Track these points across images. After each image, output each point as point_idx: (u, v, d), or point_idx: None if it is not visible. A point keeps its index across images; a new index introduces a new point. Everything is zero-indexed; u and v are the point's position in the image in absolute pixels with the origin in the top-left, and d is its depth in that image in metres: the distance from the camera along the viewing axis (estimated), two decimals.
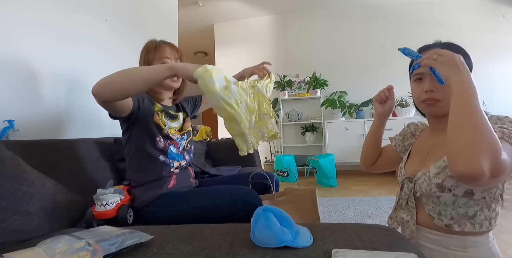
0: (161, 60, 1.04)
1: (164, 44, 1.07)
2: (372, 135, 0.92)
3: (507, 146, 0.55)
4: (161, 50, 1.04)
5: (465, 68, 0.59)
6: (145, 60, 1.06)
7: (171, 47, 1.07)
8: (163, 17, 2.39)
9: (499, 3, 3.85)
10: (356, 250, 0.49)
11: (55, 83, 1.26)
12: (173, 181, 1.01)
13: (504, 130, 0.58)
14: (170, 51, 1.05)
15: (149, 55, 1.05)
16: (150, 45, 1.07)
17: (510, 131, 0.57)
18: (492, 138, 0.50)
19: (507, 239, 1.42)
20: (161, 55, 1.04)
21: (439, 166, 0.64)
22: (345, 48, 4.17)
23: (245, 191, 0.90)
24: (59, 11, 1.30)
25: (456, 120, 0.55)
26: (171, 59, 1.06)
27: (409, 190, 0.72)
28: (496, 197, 0.63)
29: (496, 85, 3.80)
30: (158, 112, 1.03)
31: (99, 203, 0.84)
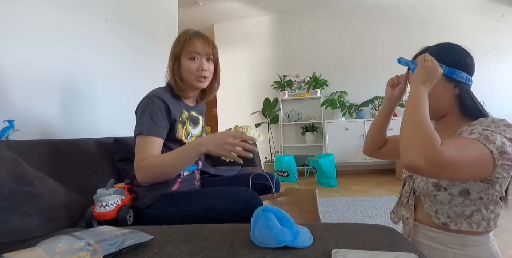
0: (189, 55, 0.97)
1: (195, 37, 0.98)
2: (378, 120, 0.91)
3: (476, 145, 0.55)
4: (190, 44, 0.96)
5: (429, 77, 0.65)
6: (173, 53, 0.99)
7: (203, 41, 0.98)
8: (163, 17, 2.39)
9: (499, 3, 3.85)
10: (356, 250, 0.49)
11: (55, 83, 1.26)
12: (178, 184, 1.00)
13: (487, 132, 0.57)
14: (200, 46, 0.96)
15: (177, 47, 0.98)
16: (181, 36, 0.99)
17: (492, 133, 0.56)
18: (426, 133, 0.55)
19: (507, 239, 1.42)
20: (190, 49, 0.96)
21: None
22: (345, 48, 4.17)
23: (246, 193, 0.89)
24: (59, 11, 1.30)
25: (403, 119, 0.62)
26: (201, 55, 0.98)
27: (410, 188, 0.74)
28: (495, 199, 0.62)
29: (496, 85, 3.80)
30: (184, 121, 1.00)
31: (99, 204, 0.83)
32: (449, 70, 0.68)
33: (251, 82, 4.40)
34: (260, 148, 2.43)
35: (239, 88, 4.40)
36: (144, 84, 2.01)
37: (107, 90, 1.61)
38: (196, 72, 0.97)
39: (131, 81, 1.85)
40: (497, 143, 0.54)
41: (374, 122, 0.92)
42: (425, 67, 0.65)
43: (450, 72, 0.68)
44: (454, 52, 0.72)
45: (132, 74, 1.86)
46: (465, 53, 0.72)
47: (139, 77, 1.95)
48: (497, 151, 0.54)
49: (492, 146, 0.54)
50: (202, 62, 0.98)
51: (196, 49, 0.96)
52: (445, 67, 0.68)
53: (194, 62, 0.97)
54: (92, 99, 1.49)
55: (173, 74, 0.99)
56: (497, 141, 0.54)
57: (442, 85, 0.69)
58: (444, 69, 0.68)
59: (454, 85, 0.69)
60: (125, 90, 1.77)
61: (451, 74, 0.68)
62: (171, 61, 1.00)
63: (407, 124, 0.60)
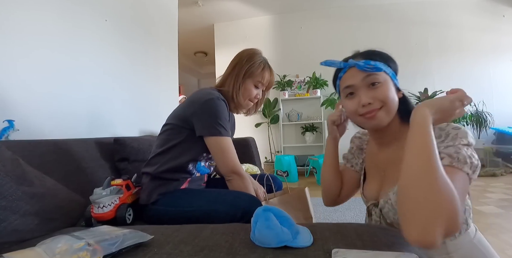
0: (256, 82, 1.06)
1: (267, 69, 1.08)
2: (330, 162, 0.81)
3: (458, 175, 0.50)
4: (263, 74, 1.06)
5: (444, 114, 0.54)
6: (245, 72, 1.04)
7: (270, 74, 1.09)
8: (163, 17, 2.39)
9: (499, 3, 3.85)
10: (356, 250, 0.49)
11: (55, 83, 1.26)
12: (187, 183, 1.02)
13: (451, 151, 0.53)
14: (267, 78, 1.08)
15: (251, 69, 1.04)
16: (257, 60, 1.05)
17: (458, 151, 0.52)
18: (451, 201, 0.42)
19: (507, 239, 1.42)
20: (260, 79, 1.05)
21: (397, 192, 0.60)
22: (345, 48, 4.14)
23: (247, 199, 0.89)
24: (59, 11, 1.30)
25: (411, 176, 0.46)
26: (263, 86, 1.09)
27: (378, 217, 0.68)
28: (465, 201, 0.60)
29: (496, 85, 3.80)
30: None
31: (96, 205, 0.83)
32: (393, 74, 0.66)
33: None
34: (260, 147, 2.43)
35: None
36: (144, 84, 2.01)
37: (107, 90, 1.61)
38: (252, 98, 1.08)
39: (131, 81, 1.85)
40: (468, 161, 0.51)
41: (328, 166, 0.82)
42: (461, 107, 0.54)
43: (394, 76, 0.66)
44: (392, 59, 0.69)
45: (131, 74, 1.86)
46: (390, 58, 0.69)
47: (139, 77, 1.95)
48: (471, 170, 0.51)
49: (466, 167, 0.51)
50: (260, 91, 1.10)
51: (264, 81, 1.07)
52: (390, 70, 0.65)
53: (256, 90, 1.08)
54: (92, 99, 1.49)
55: (232, 87, 1.05)
56: (466, 158, 0.51)
57: (392, 85, 0.65)
58: (390, 70, 0.65)
59: (396, 89, 0.67)
60: (124, 89, 1.77)
61: (394, 77, 0.66)
62: (237, 76, 1.05)
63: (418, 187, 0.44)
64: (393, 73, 0.66)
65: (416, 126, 0.50)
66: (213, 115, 0.94)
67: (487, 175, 3.21)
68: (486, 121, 3.62)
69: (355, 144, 0.85)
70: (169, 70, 2.42)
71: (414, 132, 0.50)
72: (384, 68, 0.64)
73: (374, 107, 0.63)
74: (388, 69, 0.65)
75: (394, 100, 0.63)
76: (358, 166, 0.83)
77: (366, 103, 0.62)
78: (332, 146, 0.82)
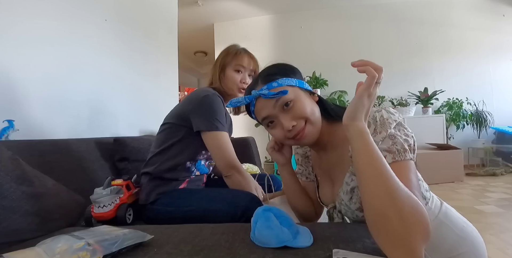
0: (235, 67, 1.06)
1: (244, 52, 1.09)
2: (293, 190, 0.77)
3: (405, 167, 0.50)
4: (239, 57, 1.07)
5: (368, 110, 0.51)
6: (222, 62, 1.08)
7: (249, 57, 1.09)
8: (163, 17, 2.39)
9: (499, 2, 3.85)
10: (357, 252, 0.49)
11: (54, 83, 1.26)
12: (186, 183, 1.02)
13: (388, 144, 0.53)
14: (247, 61, 1.07)
15: (226, 58, 1.07)
16: (231, 49, 1.10)
17: (394, 140, 0.53)
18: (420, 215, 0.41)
19: (507, 239, 1.42)
20: (237, 62, 1.06)
21: (346, 191, 0.61)
22: (345, 48, 4.17)
23: (247, 197, 0.89)
24: (59, 11, 1.30)
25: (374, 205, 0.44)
26: (245, 69, 1.07)
27: (341, 219, 0.68)
28: None
29: (496, 84, 3.80)
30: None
31: (97, 205, 0.83)
32: (299, 81, 0.65)
33: None
34: (260, 147, 2.43)
35: None
36: (144, 84, 2.01)
37: (107, 90, 1.61)
38: (238, 84, 1.06)
39: (131, 81, 1.85)
40: (406, 147, 0.52)
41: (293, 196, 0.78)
42: (373, 95, 0.50)
43: (301, 83, 0.65)
44: (289, 66, 0.68)
45: (131, 74, 1.86)
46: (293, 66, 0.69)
47: (139, 76, 1.95)
48: (412, 153, 0.52)
49: (407, 154, 0.52)
50: (245, 75, 1.08)
51: (244, 63, 1.06)
52: (295, 80, 0.64)
53: (238, 74, 1.07)
54: (91, 99, 1.49)
55: (219, 80, 1.07)
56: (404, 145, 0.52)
57: (304, 96, 0.64)
58: (296, 82, 0.64)
59: (310, 94, 0.66)
60: (124, 89, 1.77)
61: (302, 84, 0.65)
62: (217, 69, 1.08)
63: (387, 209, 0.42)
64: (299, 81, 0.65)
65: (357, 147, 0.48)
66: (210, 110, 0.95)
67: (487, 174, 3.21)
68: (486, 120, 3.63)
69: (299, 154, 0.84)
70: (169, 69, 2.42)
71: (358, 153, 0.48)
72: (288, 83, 0.63)
73: (300, 128, 0.61)
74: (293, 80, 0.64)
75: (314, 110, 0.63)
76: (311, 175, 0.82)
77: (290, 128, 0.61)
78: (286, 172, 0.77)
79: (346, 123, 0.50)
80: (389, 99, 3.84)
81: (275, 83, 0.62)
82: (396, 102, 3.75)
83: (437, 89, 3.64)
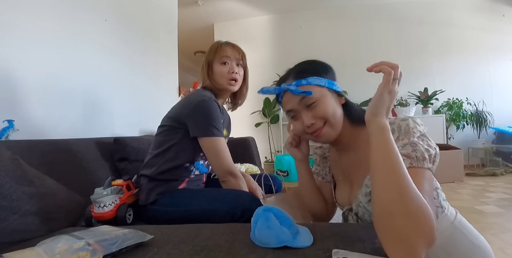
0: (220, 60, 1.05)
1: (225, 44, 1.08)
2: (308, 187, 0.78)
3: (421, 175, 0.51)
4: (221, 50, 1.06)
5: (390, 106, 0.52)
6: (207, 60, 1.08)
7: (232, 47, 1.08)
8: (163, 17, 2.39)
9: (499, 2, 3.85)
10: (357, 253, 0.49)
11: (54, 83, 1.26)
12: (185, 183, 1.02)
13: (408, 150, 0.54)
14: (230, 51, 1.06)
15: (210, 55, 1.07)
16: (213, 45, 1.09)
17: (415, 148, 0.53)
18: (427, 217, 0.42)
19: (507, 238, 1.42)
20: (221, 55, 1.05)
21: (365, 193, 0.62)
22: (345, 48, 4.17)
23: (247, 197, 0.89)
24: (59, 11, 1.30)
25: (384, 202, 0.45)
26: (231, 59, 1.06)
27: (356, 221, 0.68)
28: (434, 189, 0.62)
29: (496, 84, 3.80)
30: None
31: (97, 205, 0.83)
32: (329, 82, 0.65)
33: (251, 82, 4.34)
34: (260, 147, 2.43)
35: None
36: (144, 84, 2.01)
37: (107, 89, 1.61)
38: (227, 75, 1.05)
39: (131, 81, 1.85)
40: (426, 156, 0.53)
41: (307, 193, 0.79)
42: (393, 91, 0.51)
43: (330, 83, 0.65)
44: (323, 65, 0.69)
45: (131, 74, 1.86)
46: (327, 64, 0.69)
47: (139, 76, 1.95)
48: (431, 163, 0.53)
49: (426, 162, 0.53)
50: (233, 66, 1.06)
51: (228, 53, 1.05)
52: (325, 80, 0.65)
53: (225, 66, 1.06)
54: (91, 99, 1.49)
55: (209, 78, 1.06)
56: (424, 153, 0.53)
57: (330, 97, 0.65)
58: (325, 82, 0.65)
59: (337, 95, 0.67)
60: (124, 89, 1.77)
61: (331, 85, 0.66)
62: (205, 68, 1.08)
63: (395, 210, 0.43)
64: (329, 82, 0.65)
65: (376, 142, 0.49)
66: (206, 116, 0.95)
67: (487, 174, 3.21)
68: (486, 121, 3.63)
69: (318, 154, 0.85)
70: (169, 70, 2.42)
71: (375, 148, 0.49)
72: (317, 83, 0.64)
73: (318, 126, 0.64)
74: (323, 81, 0.65)
75: (336, 113, 0.65)
76: (328, 176, 0.83)
77: (309, 124, 0.64)
78: (303, 168, 0.78)
79: (368, 119, 0.53)
80: None
81: (305, 81, 0.64)
82: (396, 102, 3.75)
83: (437, 89, 3.64)
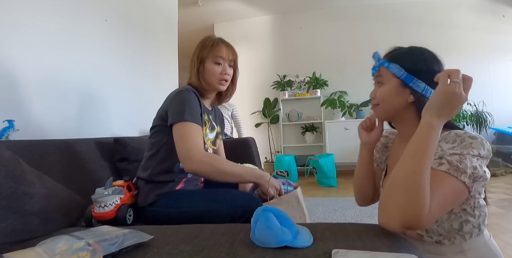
0: (214, 59, 1.02)
1: (221, 43, 1.04)
2: (363, 169, 0.80)
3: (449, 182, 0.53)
4: (217, 49, 1.01)
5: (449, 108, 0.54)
6: (199, 56, 1.03)
7: (227, 48, 1.04)
8: (163, 17, 2.39)
9: (499, 3, 3.85)
10: (356, 250, 0.49)
11: (54, 84, 1.26)
12: (182, 183, 1.01)
13: (454, 159, 0.54)
14: (226, 52, 1.02)
15: (204, 51, 1.02)
16: (207, 41, 1.04)
17: (461, 158, 0.54)
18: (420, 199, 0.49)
19: (507, 239, 1.43)
20: (215, 54, 1.01)
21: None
22: (345, 48, 4.17)
23: (245, 197, 0.88)
24: (59, 11, 1.30)
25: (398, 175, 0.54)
26: (225, 60, 1.03)
27: None
28: (477, 205, 0.62)
29: (496, 85, 3.80)
30: (205, 122, 1.03)
31: (98, 205, 0.83)
32: (406, 76, 0.64)
33: (251, 82, 4.40)
34: (260, 147, 2.43)
35: (239, 88, 4.30)
36: (144, 84, 2.01)
37: (107, 90, 1.61)
38: (219, 76, 1.02)
39: (131, 81, 1.85)
40: (468, 171, 0.53)
41: (360, 172, 0.81)
42: (449, 92, 0.53)
43: (407, 79, 0.64)
44: (420, 59, 0.66)
45: (131, 74, 1.86)
46: (432, 61, 0.66)
47: (139, 76, 1.95)
48: (470, 180, 0.53)
49: (464, 176, 0.53)
50: (226, 67, 1.04)
51: (223, 54, 1.02)
52: (403, 72, 0.65)
53: (219, 67, 1.03)
54: (92, 99, 1.49)
55: (198, 75, 1.03)
56: (468, 168, 0.53)
57: (396, 88, 0.66)
58: (402, 74, 0.65)
59: (410, 92, 0.65)
60: (124, 90, 1.77)
61: (408, 81, 0.64)
62: (196, 63, 1.03)
63: (400, 180, 0.53)
64: (408, 77, 0.64)
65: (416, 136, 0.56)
66: (181, 103, 0.93)
67: None
68: (486, 121, 3.62)
69: (381, 142, 0.86)
70: (169, 70, 2.42)
71: (412, 140, 0.56)
72: (394, 71, 0.66)
73: (374, 103, 0.73)
74: (401, 72, 0.65)
75: (390, 102, 0.68)
76: (383, 164, 0.85)
77: (371, 97, 0.74)
78: (364, 152, 0.79)
79: (423, 113, 0.57)
80: None
81: (387, 64, 0.68)
82: None
83: None
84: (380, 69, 0.71)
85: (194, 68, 1.03)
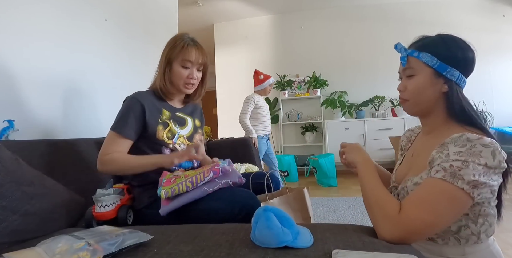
0: (182, 62, 1.00)
1: (192, 46, 1.01)
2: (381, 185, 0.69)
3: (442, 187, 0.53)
4: (186, 52, 0.99)
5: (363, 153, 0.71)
6: (167, 56, 1.01)
7: (198, 51, 1.01)
8: (163, 17, 2.39)
9: (499, 2, 3.85)
10: (356, 251, 0.49)
11: (55, 83, 1.26)
12: None
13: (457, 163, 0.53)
14: (195, 56, 1.00)
15: (173, 51, 1.00)
16: (178, 42, 1.01)
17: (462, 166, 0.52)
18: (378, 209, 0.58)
19: (507, 239, 1.42)
20: (184, 57, 1.00)
21: (415, 182, 0.62)
22: (345, 48, 4.17)
23: (244, 194, 0.88)
24: (59, 11, 1.30)
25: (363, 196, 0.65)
26: (193, 64, 1.01)
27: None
28: (483, 213, 0.60)
29: (496, 84, 3.80)
30: (166, 122, 1.01)
31: (99, 204, 0.83)
32: (440, 64, 0.62)
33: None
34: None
35: (239, 88, 4.40)
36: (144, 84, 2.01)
37: (107, 90, 1.61)
38: (185, 79, 1.02)
39: (131, 81, 1.85)
40: (466, 178, 0.51)
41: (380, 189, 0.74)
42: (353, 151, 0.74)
43: (441, 68, 0.62)
44: (453, 46, 0.64)
45: (131, 74, 1.86)
46: (465, 48, 0.64)
47: (139, 77, 1.95)
48: (469, 186, 0.51)
49: (461, 182, 0.51)
50: (193, 71, 1.02)
51: (191, 58, 1.00)
52: (436, 60, 0.62)
53: (186, 70, 1.02)
54: (92, 99, 1.49)
55: (163, 76, 1.02)
56: (466, 175, 0.51)
57: (429, 78, 0.63)
58: (435, 63, 0.62)
59: (444, 82, 0.63)
60: (125, 90, 1.76)
61: (442, 70, 0.62)
62: (163, 63, 1.03)
63: (364, 203, 0.64)
64: (442, 65, 0.62)
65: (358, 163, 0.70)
66: (120, 112, 0.98)
67: None
68: (486, 121, 3.59)
69: (406, 136, 0.86)
70: None
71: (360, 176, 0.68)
72: (426, 61, 0.63)
73: (403, 97, 0.70)
74: (434, 61, 0.62)
75: (422, 94, 0.66)
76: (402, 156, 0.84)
77: (398, 89, 0.71)
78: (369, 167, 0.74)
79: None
80: (389, 99, 3.84)
81: (417, 53, 0.65)
82: (396, 102, 3.75)
83: None
84: (409, 60, 0.66)
85: (161, 68, 1.03)
